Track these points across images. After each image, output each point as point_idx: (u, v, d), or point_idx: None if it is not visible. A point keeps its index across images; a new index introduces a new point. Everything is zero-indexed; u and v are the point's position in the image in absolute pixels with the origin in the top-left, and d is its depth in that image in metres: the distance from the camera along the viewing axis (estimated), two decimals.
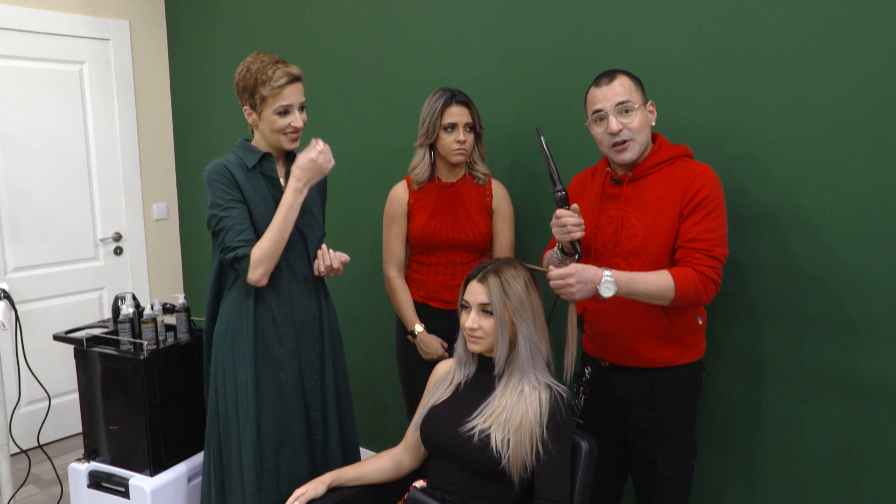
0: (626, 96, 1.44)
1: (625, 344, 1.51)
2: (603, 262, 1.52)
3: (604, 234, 1.53)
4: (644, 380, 1.52)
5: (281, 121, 1.65)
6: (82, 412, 2.03)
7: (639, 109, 1.45)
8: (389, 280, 2.00)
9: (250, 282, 1.63)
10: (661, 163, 1.49)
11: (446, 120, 1.84)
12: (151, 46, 3.23)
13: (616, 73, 1.48)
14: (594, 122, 1.50)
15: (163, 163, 3.33)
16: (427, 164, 1.91)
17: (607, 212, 1.54)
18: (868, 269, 1.47)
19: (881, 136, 1.43)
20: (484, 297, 1.38)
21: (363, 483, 1.52)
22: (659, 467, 1.53)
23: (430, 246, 1.92)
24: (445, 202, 1.92)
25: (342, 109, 2.56)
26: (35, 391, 2.84)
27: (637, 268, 1.46)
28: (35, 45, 2.85)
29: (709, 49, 1.65)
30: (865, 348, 1.50)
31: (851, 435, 1.54)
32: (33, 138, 2.86)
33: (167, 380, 1.94)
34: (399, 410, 2.48)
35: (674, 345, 1.50)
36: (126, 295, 2.05)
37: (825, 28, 1.48)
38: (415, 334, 1.94)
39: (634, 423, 1.56)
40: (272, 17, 2.77)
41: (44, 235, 2.92)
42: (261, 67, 1.63)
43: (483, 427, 1.35)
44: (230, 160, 1.69)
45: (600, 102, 1.46)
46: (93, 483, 1.99)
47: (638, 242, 1.47)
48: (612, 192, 1.54)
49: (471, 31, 2.13)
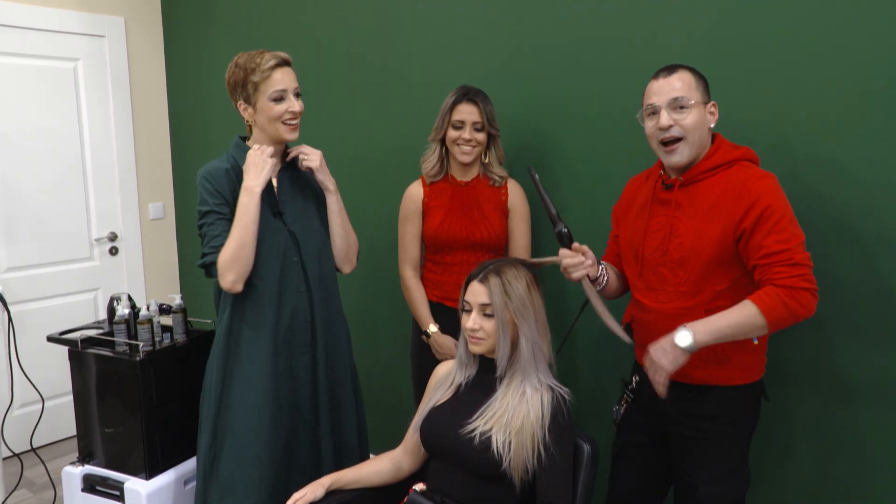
0: (683, 92, 1.38)
1: None
2: (650, 270, 1.48)
3: (652, 242, 1.47)
4: (687, 397, 1.46)
5: (277, 107, 1.67)
6: (77, 415, 2.05)
7: (695, 107, 1.38)
8: (404, 279, 2.03)
9: (225, 288, 1.65)
10: (718, 166, 1.41)
11: (455, 117, 1.88)
12: (147, 43, 3.27)
13: (677, 67, 1.41)
14: (647, 117, 1.44)
15: (159, 161, 3.36)
16: (437, 158, 1.95)
17: (657, 217, 1.48)
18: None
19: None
20: (485, 298, 1.40)
21: (362, 486, 1.54)
22: (699, 494, 1.46)
23: (444, 245, 1.95)
24: (460, 201, 1.94)
25: (341, 108, 2.58)
26: (28, 393, 2.86)
27: (682, 279, 1.41)
28: (28, 42, 2.88)
29: (717, 43, 1.66)
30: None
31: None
32: (27, 136, 2.89)
33: (163, 381, 1.96)
34: (405, 413, 2.50)
35: (722, 364, 1.43)
36: (122, 295, 2.07)
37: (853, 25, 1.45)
38: (429, 334, 1.97)
39: (674, 441, 1.52)
40: (271, 14, 2.79)
41: (38, 235, 2.95)
42: (248, 58, 1.68)
43: (484, 429, 1.36)
44: (223, 162, 1.72)
45: (655, 96, 1.41)
46: (87, 487, 2.01)
47: (685, 252, 1.41)
48: (662, 198, 1.48)
49: (476, 28, 2.15)
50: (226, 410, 1.72)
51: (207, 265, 1.67)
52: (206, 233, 1.68)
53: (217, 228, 1.67)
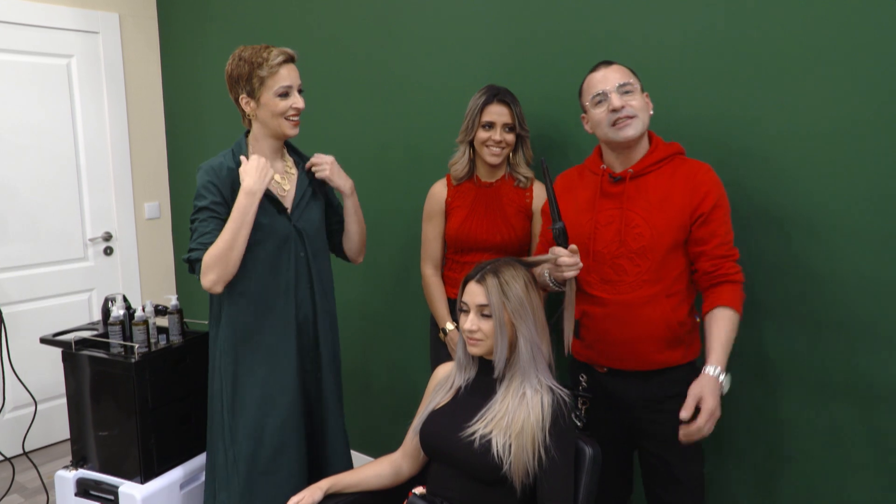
0: (627, 78, 1.50)
1: (630, 347, 1.52)
2: (605, 264, 1.53)
3: (605, 235, 1.53)
4: (649, 383, 1.54)
5: (282, 103, 1.69)
6: (70, 417, 2.04)
7: (638, 91, 1.51)
8: (425, 277, 2.05)
9: (204, 287, 1.65)
10: (662, 159, 1.53)
11: (485, 118, 1.87)
12: (142, 40, 3.26)
13: (612, 62, 1.54)
14: (594, 106, 1.53)
15: (154, 160, 3.35)
16: (466, 160, 1.95)
17: (606, 212, 1.54)
18: (871, 266, 1.50)
19: (885, 130, 1.45)
20: (482, 299, 1.39)
21: (361, 489, 1.53)
22: (677, 475, 1.54)
23: (464, 246, 1.96)
24: (483, 202, 1.94)
25: (339, 105, 2.58)
26: (20, 396, 2.86)
27: (644, 268, 1.48)
28: (21, 38, 2.87)
29: (711, 41, 1.67)
30: (867, 347, 1.52)
31: (858, 438, 1.56)
32: (19, 134, 2.88)
33: (159, 383, 1.96)
34: (406, 415, 2.50)
35: (679, 345, 1.52)
36: (116, 296, 2.07)
37: (826, 21, 1.50)
38: (446, 332, 1.98)
39: (645, 429, 1.56)
40: (268, 10, 2.79)
41: (31, 235, 2.94)
42: (254, 52, 1.68)
43: (484, 432, 1.36)
44: (228, 160, 1.73)
45: (601, 84, 1.51)
46: (80, 491, 2.00)
47: (645, 242, 1.49)
48: (610, 191, 1.54)
49: (487, 20, 2.14)
50: (244, 412, 1.73)
51: (192, 261, 1.67)
52: (196, 228, 1.69)
53: (209, 226, 1.67)
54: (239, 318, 1.72)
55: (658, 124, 1.68)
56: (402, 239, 2.44)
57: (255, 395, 1.72)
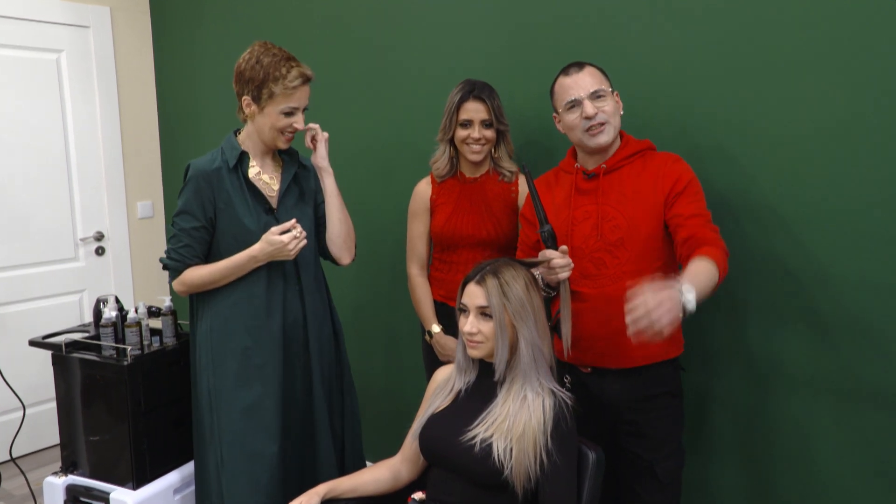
0: (599, 84, 1.55)
1: (612, 341, 1.53)
2: (584, 258, 1.56)
3: (583, 230, 1.57)
4: (633, 381, 1.57)
5: (285, 120, 1.70)
6: (60, 422, 2.04)
7: (609, 96, 1.56)
8: (411, 278, 2.05)
9: (175, 290, 1.74)
10: (633, 154, 1.59)
11: (462, 116, 1.87)
12: (134, 34, 3.25)
13: (584, 64, 1.58)
14: (567, 112, 1.57)
15: (147, 158, 3.34)
16: (447, 158, 1.95)
17: (582, 208, 1.59)
18: (866, 265, 1.52)
19: (863, 129, 1.48)
20: (482, 300, 1.39)
21: (359, 495, 1.53)
22: (657, 474, 1.57)
23: (450, 243, 1.96)
24: (468, 198, 1.94)
25: (337, 102, 2.57)
26: (8, 400, 2.83)
27: (623, 259, 1.53)
28: (8, 31, 2.86)
29: (708, 41, 1.68)
30: (860, 346, 1.54)
31: (853, 439, 1.57)
32: (7, 131, 2.87)
33: (152, 387, 1.95)
34: (404, 419, 2.50)
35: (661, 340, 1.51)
36: (108, 297, 2.06)
37: (817, 20, 1.52)
38: (431, 335, 1.98)
39: (626, 427, 1.60)
40: (264, 4, 2.78)
41: (20, 234, 2.93)
42: (273, 62, 1.65)
43: (485, 436, 1.36)
44: (214, 160, 1.73)
45: (573, 91, 1.55)
46: (70, 498, 2.00)
47: (622, 234, 1.53)
48: (585, 188, 1.60)
49: (478, 14, 2.14)
50: (228, 416, 1.73)
51: (168, 267, 1.74)
52: (177, 234, 1.72)
53: (186, 239, 1.71)
54: (218, 319, 1.74)
55: (657, 124, 1.71)
56: (401, 239, 2.43)
57: (233, 397, 1.72)
